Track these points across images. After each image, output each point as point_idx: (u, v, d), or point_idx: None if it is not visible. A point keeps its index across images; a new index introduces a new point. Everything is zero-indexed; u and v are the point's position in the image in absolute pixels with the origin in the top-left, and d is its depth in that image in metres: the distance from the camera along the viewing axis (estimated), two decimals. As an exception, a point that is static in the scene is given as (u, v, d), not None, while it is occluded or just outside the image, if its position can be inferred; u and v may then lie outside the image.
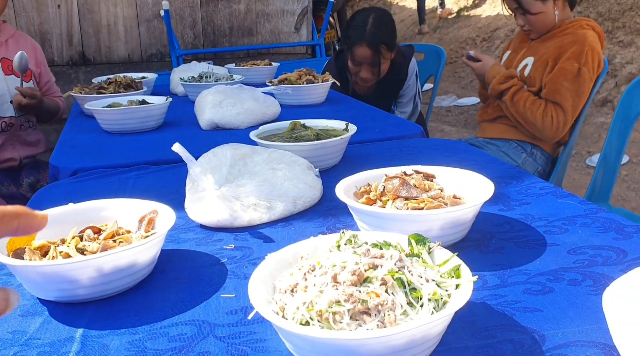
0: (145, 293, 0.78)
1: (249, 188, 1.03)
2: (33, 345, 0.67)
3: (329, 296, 0.57)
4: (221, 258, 0.88)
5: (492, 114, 2.32)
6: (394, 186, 0.88)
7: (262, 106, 1.74)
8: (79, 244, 0.77)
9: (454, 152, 1.35)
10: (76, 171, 1.31)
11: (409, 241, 0.69)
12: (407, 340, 0.54)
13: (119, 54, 3.33)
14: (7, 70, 2.02)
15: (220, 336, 0.67)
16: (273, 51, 3.63)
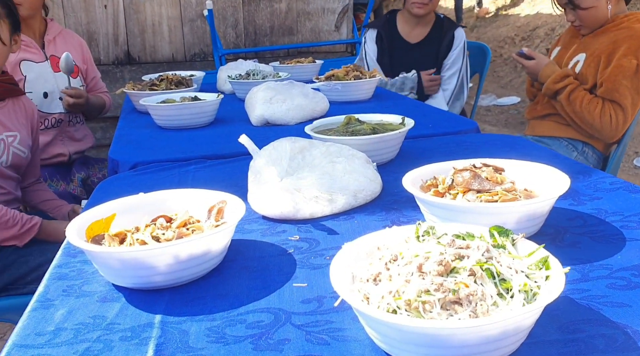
0: (219, 281, 0.78)
1: (310, 181, 1.03)
2: (114, 329, 0.68)
3: (417, 286, 0.56)
4: (287, 249, 0.88)
5: (541, 112, 2.28)
6: (464, 178, 0.86)
7: (311, 102, 1.74)
8: (154, 232, 0.78)
9: (513, 148, 1.32)
10: (136, 164, 1.33)
11: (490, 232, 0.67)
12: (500, 330, 0.53)
13: (163, 53, 3.38)
14: (56, 67, 2.07)
15: (298, 324, 0.67)
16: (313, 50, 3.64)
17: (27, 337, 0.67)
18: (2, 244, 1.48)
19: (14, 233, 1.46)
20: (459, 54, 2.50)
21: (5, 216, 1.45)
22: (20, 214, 1.48)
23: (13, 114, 1.63)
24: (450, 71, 2.50)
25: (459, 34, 2.51)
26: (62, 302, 0.74)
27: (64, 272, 0.83)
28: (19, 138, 1.61)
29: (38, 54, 2.04)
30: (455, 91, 2.51)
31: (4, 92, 1.59)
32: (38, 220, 1.50)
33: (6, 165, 1.58)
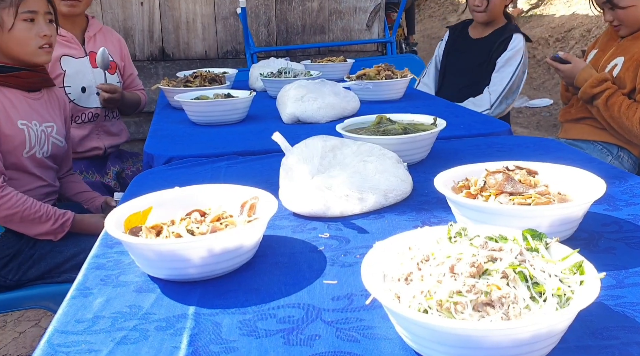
0: (250, 275, 0.80)
1: (341, 179, 1.04)
2: (150, 319, 0.70)
3: (449, 286, 0.56)
4: (317, 246, 0.89)
5: (575, 115, 2.23)
6: (497, 181, 0.86)
7: (342, 100, 1.74)
8: (189, 225, 0.80)
9: (547, 151, 1.31)
10: (170, 158, 1.36)
11: (523, 236, 0.67)
12: (532, 334, 0.53)
13: (196, 50, 3.43)
14: (94, 63, 2.13)
15: (329, 321, 0.68)
16: (344, 49, 3.64)
17: (67, 324, 0.69)
18: (38, 238, 1.53)
19: (48, 228, 1.51)
20: (512, 56, 2.47)
21: (39, 211, 1.49)
22: (53, 209, 1.52)
23: (49, 105, 1.68)
24: (500, 72, 2.48)
25: (516, 37, 2.49)
26: (100, 291, 0.77)
27: (101, 262, 0.85)
28: (56, 128, 1.66)
29: (78, 50, 2.10)
30: (503, 93, 2.48)
31: (39, 82, 1.64)
32: (70, 215, 1.54)
33: (47, 155, 1.63)
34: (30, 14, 1.52)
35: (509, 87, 2.46)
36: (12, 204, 1.46)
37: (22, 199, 1.47)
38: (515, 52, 2.49)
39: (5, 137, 1.50)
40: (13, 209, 1.46)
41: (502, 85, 2.45)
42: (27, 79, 1.59)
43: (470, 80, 2.56)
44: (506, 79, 2.45)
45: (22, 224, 1.49)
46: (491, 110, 2.47)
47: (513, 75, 2.45)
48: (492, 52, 2.53)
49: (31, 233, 1.51)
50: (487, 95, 2.48)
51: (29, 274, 1.54)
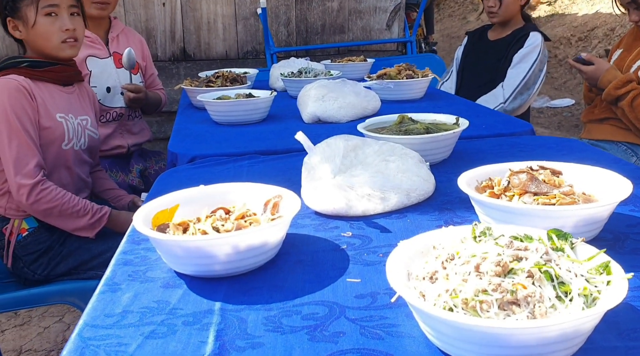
0: (274, 273, 0.81)
1: (363, 178, 1.04)
2: (177, 314, 0.71)
3: (474, 285, 0.57)
4: (340, 245, 0.89)
5: (599, 115, 2.21)
6: (520, 180, 0.86)
7: (363, 100, 1.75)
8: (214, 223, 0.82)
9: (570, 151, 1.29)
10: (193, 157, 1.38)
11: (548, 235, 0.67)
12: (559, 333, 0.53)
13: (217, 50, 3.46)
14: (118, 63, 2.16)
15: (352, 318, 0.68)
16: (363, 48, 3.64)
17: (96, 318, 0.71)
18: (75, 233, 1.55)
19: (85, 222, 1.53)
20: (528, 53, 2.46)
21: (77, 205, 1.52)
22: (91, 204, 1.55)
23: (82, 99, 1.72)
24: (515, 68, 2.47)
25: (533, 35, 2.49)
26: (128, 286, 0.78)
27: (129, 258, 0.87)
28: (90, 121, 1.70)
29: (103, 51, 2.14)
30: (518, 88, 2.46)
31: (72, 76, 1.67)
32: (107, 210, 1.57)
33: (84, 147, 1.67)
34: (51, 8, 1.54)
35: (524, 82, 2.44)
36: (51, 198, 1.48)
37: (61, 193, 1.50)
38: (532, 49, 2.48)
39: (46, 129, 1.53)
40: (53, 203, 1.49)
41: (517, 80, 2.44)
42: (62, 73, 1.62)
43: (487, 78, 2.55)
44: (521, 74, 2.44)
45: (60, 219, 1.52)
46: (505, 104, 2.46)
47: (529, 71, 2.44)
48: (508, 50, 2.52)
49: (69, 227, 1.54)
50: (500, 90, 2.47)
51: (57, 270, 1.58)
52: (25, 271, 1.59)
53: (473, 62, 2.69)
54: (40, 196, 1.47)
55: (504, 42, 2.57)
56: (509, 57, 2.52)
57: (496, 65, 2.56)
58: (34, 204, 1.47)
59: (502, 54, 2.55)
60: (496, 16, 2.56)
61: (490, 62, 2.58)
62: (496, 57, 2.57)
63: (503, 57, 2.54)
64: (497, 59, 2.56)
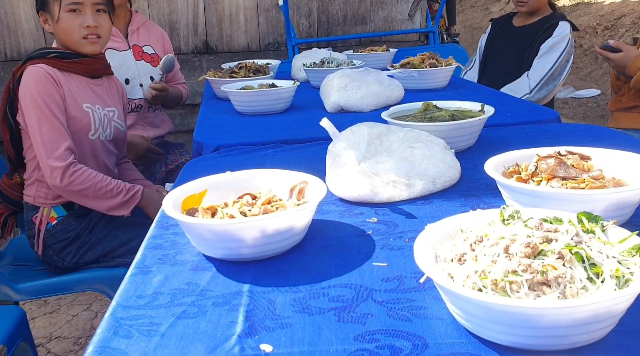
0: (301, 257, 0.81)
1: (388, 165, 1.04)
2: (207, 295, 0.72)
3: (504, 266, 0.56)
4: (365, 230, 0.90)
5: (627, 103, 2.17)
6: (548, 165, 0.85)
7: (386, 89, 1.74)
8: (242, 208, 0.83)
9: (599, 138, 1.27)
10: (218, 147, 1.39)
11: (578, 218, 0.66)
12: (591, 313, 0.52)
13: (239, 42, 3.48)
14: (137, 56, 2.19)
15: (380, 300, 0.69)
16: (385, 39, 3.62)
17: (129, 299, 0.73)
18: (110, 213, 1.58)
19: (119, 201, 1.56)
20: (557, 43, 2.42)
21: (110, 184, 1.55)
22: (123, 183, 1.58)
23: (109, 91, 1.74)
24: (543, 58, 2.43)
25: (562, 24, 2.44)
26: (158, 269, 0.80)
27: (158, 242, 0.89)
28: (117, 113, 1.72)
29: (122, 43, 2.16)
30: (544, 79, 2.43)
31: (100, 69, 1.70)
32: (140, 187, 1.60)
33: (110, 138, 1.70)
34: (75, 5, 1.57)
35: (551, 73, 2.40)
36: (84, 179, 1.52)
37: (93, 173, 1.53)
38: (561, 39, 2.43)
39: (72, 119, 1.56)
40: (86, 184, 1.52)
41: (544, 71, 2.40)
42: (90, 66, 1.65)
43: (511, 66, 2.51)
44: (548, 65, 2.40)
45: (95, 199, 1.55)
46: (530, 95, 2.42)
47: (556, 62, 2.40)
48: (535, 39, 2.48)
49: (104, 207, 1.56)
50: (525, 79, 2.43)
51: (86, 257, 1.61)
52: (54, 259, 1.62)
53: (497, 49, 2.65)
54: (74, 177, 1.50)
55: (530, 30, 2.53)
56: (535, 46, 2.48)
57: (522, 53, 2.52)
58: (68, 185, 1.51)
59: (529, 42, 2.50)
60: (525, 5, 2.51)
61: (515, 50, 2.54)
62: (522, 45, 2.53)
63: (530, 45, 2.50)
64: (522, 47, 2.52)
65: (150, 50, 2.24)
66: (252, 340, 0.62)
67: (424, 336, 0.61)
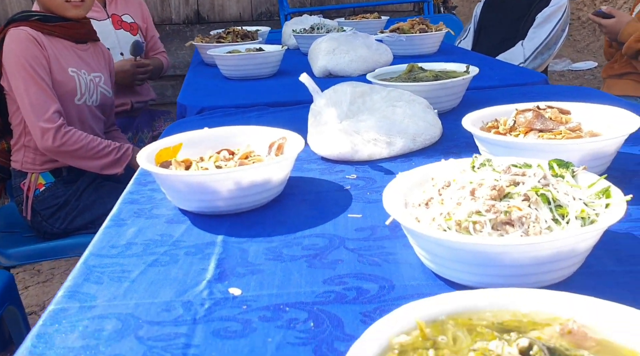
0: (278, 210, 0.81)
1: (369, 123, 1.03)
2: (180, 246, 0.73)
3: (468, 207, 0.56)
4: (344, 185, 0.90)
5: (619, 70, 2.15)
6: (526, 118, 0.84)
7: (374, 53, 1.72)
8: (217, 162, 0.82)
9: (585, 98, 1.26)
10: (202, 109, 1.38)
11: (549, 165, 0.66)
12: (553, 251, 0.53)
13: (230, 12, 3.44)
14: (117, 25, 2.17)
15: (351, 248, 0.69)
16: (379, 9, 3.57)
17: (102, 249, 0.73)
18: (103, 172, 1.59)
19: (112, 159, 1.57)
20: (553, 13, 2.39)
21: (101, 144, 1.56)
22: (112, 142, 1.59)
23: (95, 57, 1.73)
24: (539, 27, 2.40)
25: None
26: (133, 222, 0.80)
27: (135, 198, 0.89)
28: (103, 79, 1.71)
29: (100, 12, 2.14)
30: (539, 48, 2.40)
31: (85, 34, 1.68)
32: (130, 145, 1.61)
33: (96, 104, 1.69)
34: None
35: (546, 43, 2.38)
36: (76, 139, 1.52)
37: (84, 134, 1.54)
38: (557, 9, 2.40)
39: (58, 83, 1.55)
40: (78, 144, 1.52)
41: (539, 40, 2.38)
42: (74, 30, 1.63)
43: (506, 36, 2.49)
44: (544, 34, 2.38)
45: (88, 160, 1.55)
46: (525, 64, 2.41)
47: (551, 32, 2.37)
48: (532, 8, 2.45)
49: (97, 166, 1.57)
50: (520, 49, 2.41)
51: (75, 223, 1.62)
52: (44, 225, 1.63)
53: (492, 18, 2.61)
54: (65, 138, 1.50)
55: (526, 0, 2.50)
56: (531, 15, 2.45)
57: (517, 22, 2.49)
58: (61, 146, 1.51)
59: (524, 11, 2.47)
60: None
61: (511, 19, 2.51)
62: (517, 14, 2.50)
63: (525, 14, 2.46)
64: (518, 16, 2.49)
65: (129, 19, 2.22)
66: (221, 285, 0.63)
67: (391, 279, 0.61)
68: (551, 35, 2.40)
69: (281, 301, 0.59)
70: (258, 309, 0.58)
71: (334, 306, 0.57)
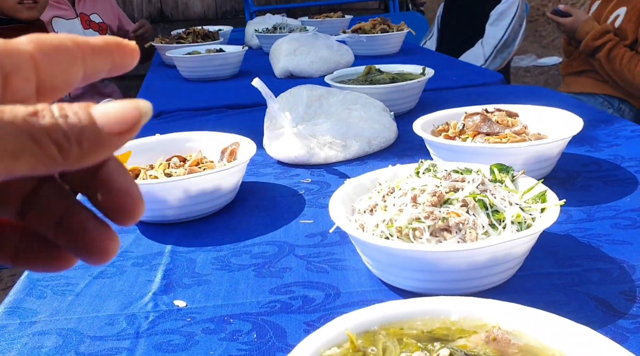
0: (228, 218, 0.81)
1: (325, 127, 1.04)
2: (127, 257, 0.72)
3: (408, 214, 0.57)
4: (299, 190, 0.90)
5: (577, 68, 2.20)
6: (474, 122, 0.86)
7: (335, 54, 1.73)
8: (167, 169, 0.81)
9: (538, 98, 1.28)
10: (160, 113, 1.37)
11: (491, 170, 0.67)
12: (488, 256, 0.54)
13: (195, 10, 3.40)
14: (85, 25, 2.13)
15: (301, 255, 0.69)
16: (345, 7, 3.58)
17: (48, 261, 0.71)
18: None
19: None
20: (506, 9, 2.43)
21: None
22: None
23: None
24: (494, 25, 2.43)
25: None
26: (81, 232, 0.78)
27: (85, 207, 0.87)
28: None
29: (69, 11, 2.10)
30: (498, 46, 2.44)
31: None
32: None
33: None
34: None
35: (504, 41, 2.42)
36: None
37: None
38: (510, 5, 2.45)
39: None
40: None
41: (497, 39, 2.42)
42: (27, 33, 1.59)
43: (467, 35, 2.53)
44: (500, 32, 2.42)
45: None
46: (486, 64, 2.45)
47: (507, 28, 2.41)
48: (486, 5, 2.48)
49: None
50: (479, 49, 2.45)
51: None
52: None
53: (452, 19, 2.65)
54: None
55: None
56: (486, 12, 2.49)
57: (474, 22, 2.53)
58: None
59: (480, 9, 2.51)
60: None
61: (470, 18, 2.55)
62: (474, 14, 2.54)
63: (480, 13, 2.51)
64: (475, 15, 2.53)
65: (98, 19, 2.18)
66: (167, 297, 0.62)
67: (337, 286, 0.62)
68: (508, 32, 2.44)
69: (226, 312, 0.59)
70: (202, 321, 0.57)
71: (278, 317, 0.57)
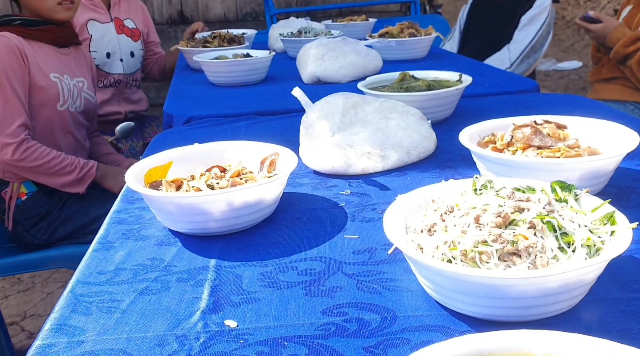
0: (271, 230, 0.79)
1: (363, 136, 1.01)
2: (171, 271, 0.70)
3: (474, 236, 0.55)
4: (338, 202, 0.88)
5: (606, 74, 2.16)
6: (524, 134, 0.83)
7: (364, 59, 1.70)
8: (209, 180, 0.80)
9: (577, 108, 1.26)
10: (189, 118, 1.35)
11: (552, 187, 0.65)
12: (560, 283, 0.51)
13: (215, 12, 3.39)
14: (119, 30, 2.13)
15: (349, 273, 0.67)
16: (366, 9, 3.56)
17: (89, 275, 0.70)
18: (64, 189, 1.54)
19: (73, 177, 1.52)
20: (537, 15, 2.40)
21: (64, 161, 1.51)
22: (77, 159, 1.54)
23: (78, 61, 1.69)
24: (523, 30, 2.41)
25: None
26: (121, 244, 0.77)
27: (122, 217, 0.86)
28: (86, 84, 1.67)
29: (104, 15, 2.10)
30: (525, 51, 2.41)
31: (68, 38, 1.64)
32: (94, 163, 1.56)
33: (80, 110, 1.64)
34: None
35: (532, 46, 2.39)
36: (37, 156, 1.47)
37: (46, 151, 1.49)
38: (541, 11, 2.41)
39: (39, 89, 1.51)
40: (39, 161, 1.48)
41: (524, 43, 2.39)
42: (57, 34, 1.60)
43: (491, 40, 2.50)
44: (529, 37, 2.39)
45: (47, 176, 1.51)
46: (511, 68, 2.41)
47: (536, 34, 2.38)
48: (516, 10, 2.45)
49: (57, 183, 1.53)
50: (506, 53, 2.42)
51: (57, 234, 1.57)
52: (25, 235, 1.58)
53: (478, 22, 2.62)
54: (27, 154, 1.46)
55: (511, 2, 2.51)
56: (516, 18, 2.46)
57: (502, 26, 2.50)
58: (20, 161, 1.46)
59: (510, 14, 2.48)
60: None
61: (496, 23, 2.52)
62: (503, 18, 2.51)
63: (510, 18, 2.48)
64: (503, 20, 2.50)
65: (131, 24, 2.18)
66: (216, 316, 0.60)
67: (393, 309, 0.59)
68: (536, 38, 2.41)
69: (279, 334, 0.56)
70: (255, 344, 0.55)
71: (334, 341, 0.55)
